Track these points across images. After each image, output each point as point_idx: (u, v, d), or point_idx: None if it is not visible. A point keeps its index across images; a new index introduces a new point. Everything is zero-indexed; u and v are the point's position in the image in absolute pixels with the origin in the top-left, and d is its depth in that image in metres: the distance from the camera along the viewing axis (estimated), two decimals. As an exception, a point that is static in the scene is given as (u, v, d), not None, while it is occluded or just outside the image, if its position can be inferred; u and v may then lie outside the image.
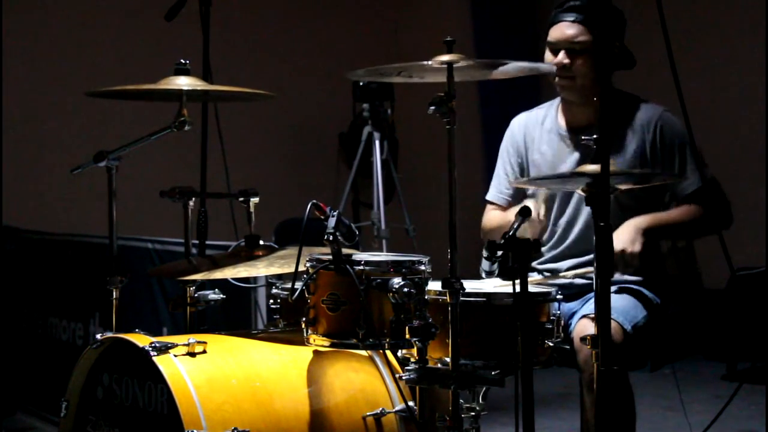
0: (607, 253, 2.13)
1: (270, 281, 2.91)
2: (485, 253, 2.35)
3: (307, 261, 2.49)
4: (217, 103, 3.77)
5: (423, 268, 2.46)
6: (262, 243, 2.87)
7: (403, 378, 2.42)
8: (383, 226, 5.80)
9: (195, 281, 2.92)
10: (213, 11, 3.67)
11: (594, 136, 2.29)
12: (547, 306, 2.54)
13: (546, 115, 3.17)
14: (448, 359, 2.37)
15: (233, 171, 3.92)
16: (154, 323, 4.02)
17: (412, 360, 2.44)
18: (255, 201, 2.96)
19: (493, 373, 2.41)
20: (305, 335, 2.48)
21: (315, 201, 2.45)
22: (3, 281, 4.81)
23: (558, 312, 2.56)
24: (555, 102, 3.17)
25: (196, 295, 2.95)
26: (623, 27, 3.02)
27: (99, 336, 2.65)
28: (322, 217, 2.44)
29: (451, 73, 2.42)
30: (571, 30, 2.97)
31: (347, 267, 2.39)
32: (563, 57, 2.98)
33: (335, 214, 2.43)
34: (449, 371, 2.36)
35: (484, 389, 2.58)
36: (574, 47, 2.97)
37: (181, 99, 2.85)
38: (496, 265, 2.36)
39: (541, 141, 3.14)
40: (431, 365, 2.43)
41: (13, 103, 5.60)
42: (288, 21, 7.01)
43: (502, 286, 2.51)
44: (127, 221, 3.35)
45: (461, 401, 2.41)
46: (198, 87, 2.87)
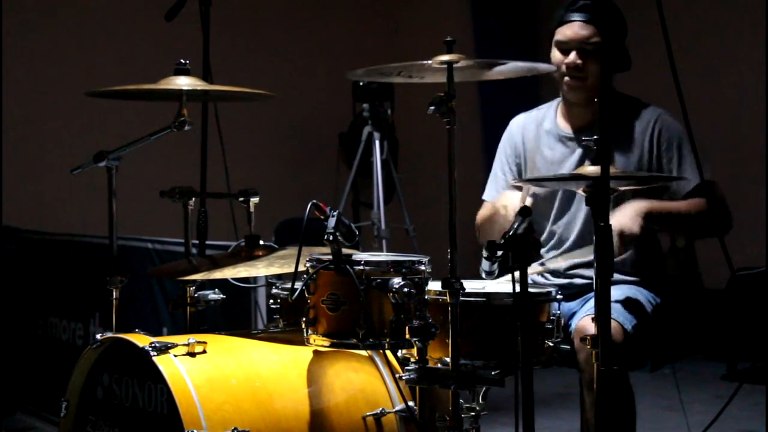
0: (607, 253, 2.13)
1: (270, 281, 2.91)
2: (485, 253, 2.35)
3: (307, 261, 2.49)
4: (217, 103, 3.77)
5: (423, 268, 2.46)
6: (262, 243, 2.87)
7: (403, 378, 2.43)
8: (383, 226, 5.80)
9: (195, 281, 2.92)
10: (213, 11, 3.67)
11: (594, 137, 2.30)
12: (547, 306, 2.54)
13: (545, 116, 3.17)
14: (448, 359, 2.37)
15: (233, 171, 3.92)
16: (154, 323, 4.02)
17: (412, 360, 2.44)
18: (255, 201, 2.96)
19: (493, 373, 2.41)
20: (305, 335, 2.48)
21: (315, 201, 2.45)
22: (3, 281, 4.81)
23: (558, 312, 2.56)
24: (554, 103, 3.17)
25: (196, 295, 2.95)
26: (625, 30, 3.02)
27: (99, 336, 2.65)
28: (322, 217, 2.44)
29: (451, 73, 2.42)
30: (585, 30, 2.96)
31: (347, 267, 2.39)
32: (575, 57, 2.96)
33: (335, 214, 2.43)
34: (449, 371, 2.36)
35: (484, 389, 2.58)
36: (586, 48, 2.95)
37: (181, 99, 2.85)
38: (496, 265, 2.36)
39: (540, 142, 3.14)
40: (431, 365, 2.43)
41: (13, 103, 5.60)
42: (288, 21, 7.01)
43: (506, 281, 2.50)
44: (127, 221, 3.35)
45: (461, 401, 2.41)
46: (198, 87, 2.87)
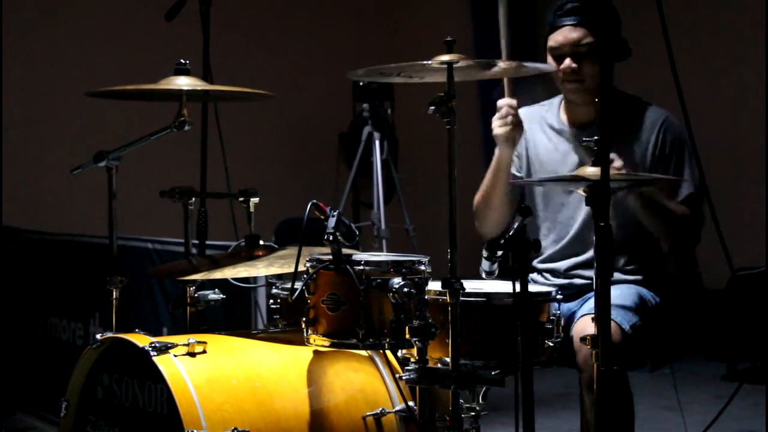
0: (607, 253, 2.13)
1: (270, 281, 2.91)
2: (485, 253, 2.35)
3: (307, 261, 2.49)
4: (217, 103, 3.77)
5: (423, 268, 2.46)
6: (262, 243, 2.87)
7: (403, 378, 2.42)
8: (383, 226, 5.80)
9: (195, 281, 2.92)
10: (213, 11, 3.67)
11: (595, 137, 2.30)
12: (547, 306, 2.54)
13: (548, 111, 3.17)
14: (448, 359, 2.37)
15: (233, 171, 3.92)
16: (154, 323, 4.02)
17: (412, 360, 2.44)
18: (255, 201, 2.96)
19: (493, 373, 2.41)
20: (305, 335, 2.47)
21: (315, 201, 2.45)
22: (3, 281, 4.81)
23: (558, 312, 2.56)
24: (557, 99, 3.17)
25: (196, 295, 2.95)
26: (618, 20, 3.02)
27: (99, 336, 2.65)
28: (322, 217, 2.44)
29: (451, 73, 2.42)
30: (575, 33, 2.97)
31: (347, 267, 2.39)
32: (570, 62, 2.97)
33: (335, 214, 2.43)
34: (449, 371, 2.36)
35: (484, 389, 2.58)
36: (579, 50, 2.96)
37: (181, 99, 2.85)
38: (496, 265, 2.36)
39: (543, 137, 3.14)
40: (431, 365, 2.43)
41: (13, 103, 5.60)
42: (288, 21, 7.01)
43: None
44: (127, 221, 3.35)
45: (461, 401, 2.41)
46: (198, 87, 2.87)
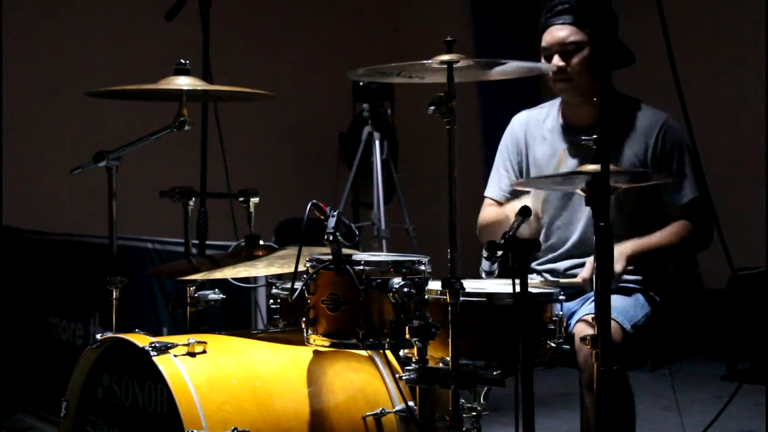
0: (608, 253, 2.13)
1: (270, 281, 2.91)
2: (485, 253, 2.35)
3: (307, 261, 2.49)
4: (217, 103, 3.77)
5: (423, 268, 2.46)
6: (262, 243, 2.87)
7: (403, 378, 2.42)
8: (383, 226, 5.80)
9: (195, 281, 2.92)
10: (213, 11, 3.67)
11: (594, 136, 2.30)
12: (550, 306, 2.54)
13: (548, 114, 3.18)
14: (448, 359, 2.37)
15: (233, 171, 3.92)
16: (154, 323, 4.02)
17: (412, 360, 2.44)
18: (255, 201, 2.96)
19: (494, 374, 2.41)
20: (305, 335, 2.47)
21: (315, 201, 2.45)
22: (3, 281, 4.81)
23: (560, 313, 2.56)
24: (557, 101, 3.18)
25: (196, 295, 2.95)
26: (615, 22, 3.02)
27: (99, 336, 2.65)
28: (322, 217, 2.44)
29: (451, 73, 2.42)
30: (562, 32, 3.00)
31: (347, 267, 2.39)
32: (558, 60, 3.00)
33: (335, 214, 2.43)
34: (449, 371, 2.36)
35: (484, 389, 2.58)
36: (567, 48, 3.00)
37: (181, 99, 2.85)
38: (496, 265, 2.36)
39: (543, 140, 3.14)
40: (431, 365, 2.43)
41: (13, 103, 5.60)
42: (288, 21, 7.01)
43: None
44: (127, 221, 3.35)
45: (462, 401, 2.41)
46: (198, 87, 2.87)
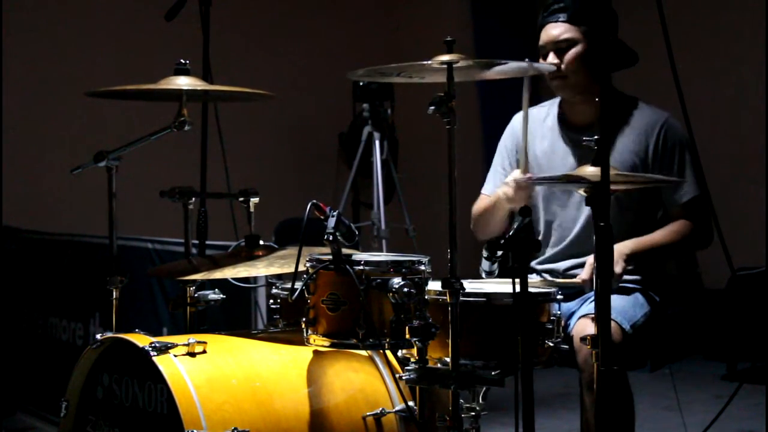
0: (607, 253, 2.13)
1: (270, 281, 2.91)
2: (485, 253, 2.35)
3: (307, 261, 2.49)
4: (217, 103, 3.77)
5: (423, 268, 2.46)
6: (262, 243, 2.87)
7: (403, 378, 2.42)
8: (383, 226, 5.80)
9: (195, 281, 2.92)
10: (213, 11, 3.67)
11: (595, 137, 2.30)
12: (548, 306, 2.54)
13: (548, 113, 3.18)
14: (448, 359, 2.37)
15: (233, 171, 3.92)
16: (154, 323, 4.02)
17: (412, 360, 2.44)
18: (255, 201, 2.96)
19: (493, 373, 2.41)
20: (305, 335, 2.47)
21: (315, 201, 2.45)
22: (3, 281, 4.81)
23: (558, 312, 2.56)
24: (557, 100, 3.18)
25: (196, 295, 2.95)
26: (615, 21, 3.02)
27: (99, 336, 2.65)
28: (322, 217, 2.44)
29: (451, 73, 2.42)
30: (556, 30, 3.01)
31: (347, 267, 2.39)
32: (552, 58, 3.01)
33: (335, 214, 2.43)
34: (449, 371, 2.36)
35: (484, 389, 2.58)
36: (560, 46, 3.01)
37: (181, 99, 2.85)
38: (496, 265, 2.35)
39: (542, 138, 3.15)
40: (431, 365, 2.43)
41: (13, 103, 5.60)
42: (288, 21, 7.01)
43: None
44: (127, 221, 3.35)
45: (461, 401, 2.41)
46: (198, 87, 2.87)
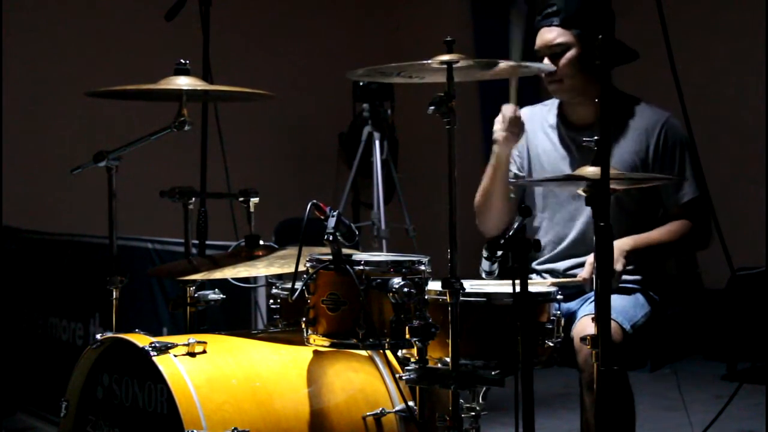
0: (607, 253, 2.13)
1: (270, 281, 2.91)
2: (485, 253, 2.35)
3: (307, 261, 2.49)
4: (217, 103, 3.77)
5: (423, 268, 2.46)
6: (262, 243, 2.87)
7: (403, 378, 2.42)
8: (383, 226, 5.80)
9: (195, 281, 2.92)
10: (213, 11, 3.67)
11: (595, 137, 2.30)
12: (548, 306, 2.54)
13: (550, 111, 3.19)
14: (448, 359, 2.37)
15: (233, 171, 3.92)
16: (154, 323, 4.02)
17: (412, 360, 2.44)
18: (255, 201, 2.96)
19: (493, 373, 2.41)
20: (305, 335, 2.47)
21: (315, 201, 2.45)
22: (3, 281, 4.81)
23: (558, 312, 2.56)
24: (558, 99, 3.18)
25: (196, 295, 2.95)
26: (612, 21, 3.01)
27: (99, 336, 2.65)
28: (322, 217, 2.44)
29: (451, 73, 2.42)
30: (550, 34, 3.02)
31: (347, 267, 2.39)
32: (548, 62, 3.01)
33: (335, 214, 2.43)
34: (449, 371, 2.36)
35: (484, 389, 2.58)
36: (555, 50, 3.02)
37: (181, 99, 2.85)
38: (496, 265, 2.36)
39: (544, 136, 3.15)
40: (431, 365, 2.43)
41: (13, 103, 5.60)
42: (288, 21, 7.01)
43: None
44: (127, 221, 3.35)
45: (461, 401, 2.41)
46: (198, 87, 2.87)
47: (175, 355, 2.43)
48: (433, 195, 4.88)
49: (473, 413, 2.52)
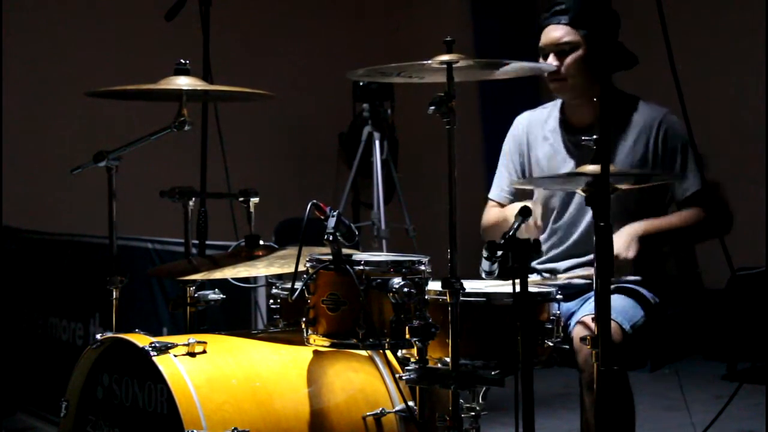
0: (608, 253, 2.13)
1: (270, 281, 2.91)
2: (485, 253, 2.35)
3: (307, 261, 2.49)
4: (217, 103, 3.77)
5: (423, 268, 2.46)
6: (262, 243, 2.87)
7: (403, 378, 2.43)
8: (383, 226, 5.80)
9: (195, 281, 2.92)
10: (213, 11, 3.67)
11: (594, 136, 2.30)
12: (547, 306, 2.54)
13: (549, 115, 3.18)
14: (448, 359, 2.37)
15: (233, 171, 3.92)
16: (154, 323, 4.02)
17: (412, 360, 2.44)
18: (255, 201, 2.96)
19: (493, 373, 2.41)
20: (305, 335, 2.48)
21: (315, 201, 2.45)
22: (3, 281, 4.81)
23: (558, 312, 2.56)
24: (558, 102, 3.18)
25: (196, 295, 2.95)
26: (616, 25, 3.03)
27: (99, 336, 2.65)
28: (322, 217, 2.44)
29: (451, 73, 2.42)
30: (557, 32, 3.01)
31: (347, 267, 2.39)
32: (552, 60, 3.01)
33: (335, 214, 2.43)
34: (449, 371, 2.36)
35: (484, 389, 2.58)
36: (562, 48, 3.01)
37: (181, 99, 2.85)
38: (496, 265, 2.36)
39: (544, 140, 3.15)
40: (431, 365, 2.43)
41: (13, 103, 5.60)
42: (288, 21, 7.01)
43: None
44: (127, 221, 3.35)
45: (461, 401, 2.41)
46: (198, 87, 2.88)
47: (175, 355, 2.43)
48: (433, 195, 4.88)
49: (473, 413, 2.52)
